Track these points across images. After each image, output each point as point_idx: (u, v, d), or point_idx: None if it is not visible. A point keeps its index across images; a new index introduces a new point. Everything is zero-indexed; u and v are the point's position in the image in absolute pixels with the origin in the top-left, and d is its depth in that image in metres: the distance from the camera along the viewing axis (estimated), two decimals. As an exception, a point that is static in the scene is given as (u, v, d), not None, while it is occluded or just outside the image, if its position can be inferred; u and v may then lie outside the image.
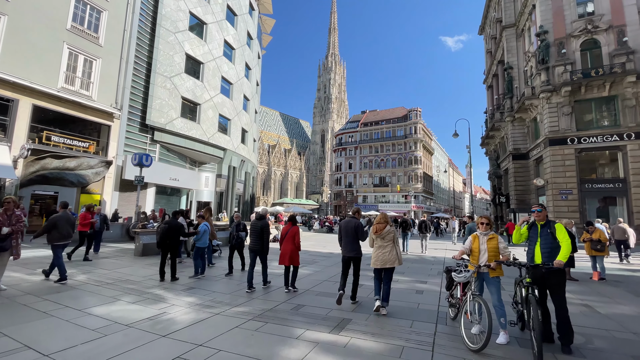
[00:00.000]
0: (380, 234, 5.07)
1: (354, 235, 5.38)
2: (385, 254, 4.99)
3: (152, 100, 18.26)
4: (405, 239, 13.41)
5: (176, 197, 21.88)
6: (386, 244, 5.04)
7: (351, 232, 5.39)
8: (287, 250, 6.05)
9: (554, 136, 19.70)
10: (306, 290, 6.33)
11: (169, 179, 19.46)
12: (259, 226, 6.33)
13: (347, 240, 5.41)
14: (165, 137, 19.14)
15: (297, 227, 6.40)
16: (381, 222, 5.17)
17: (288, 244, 6.09)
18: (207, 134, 21.61)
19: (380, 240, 5.07)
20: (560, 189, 19.19)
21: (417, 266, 9.52)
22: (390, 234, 5.09)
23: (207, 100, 21.76)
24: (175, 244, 6.80)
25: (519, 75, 25.12)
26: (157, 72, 18.54)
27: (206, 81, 21.83)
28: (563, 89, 19.30)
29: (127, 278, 6.88)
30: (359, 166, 64.99)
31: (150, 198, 18.60)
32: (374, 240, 5.15)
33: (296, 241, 6.14)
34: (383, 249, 5.03)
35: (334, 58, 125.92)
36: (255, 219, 6.58)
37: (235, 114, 25.02)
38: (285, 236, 6.16)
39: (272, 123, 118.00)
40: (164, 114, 18.78)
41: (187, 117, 20.40)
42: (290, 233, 6.15)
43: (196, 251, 7.23)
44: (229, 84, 24.54)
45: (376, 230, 5.10)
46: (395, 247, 5.06)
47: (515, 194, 24.17)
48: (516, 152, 24.46)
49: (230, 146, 24.10)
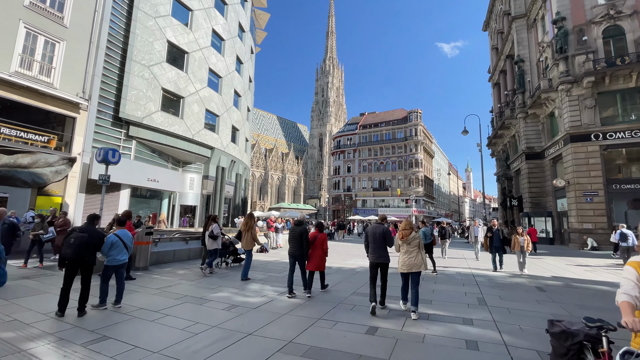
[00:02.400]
0: (406, 239, 5.20)
1: (381, 241, 5.45)
2: (412, 259, 5.12)
3: (127, 91, 16.21)
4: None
5: (156, 200, 19.71)
6: (412, 249, 5.18)
7: (379, 238, 5.45)
8: (316, 256, 6.34)
9: (576, 132, 17.79)
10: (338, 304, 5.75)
11: (146, 179, 17.32)
12: (298, 232, 6.40)
13: (375, 246, 5.48)
14: (143, 133, 17.04)
15: (324, 234, 6.68)
16: (407, 228, 5.26)
17: (317, 250, 6.37)
18: (192, 130, 19.54)
19: (407, 245, 5.21)
20: (584, 190, 17.22)
21: (447, 289, 7.21)
22: (416, 239, 5.21)
23: (192, 94, 19.73)
24: (91, 262, 4.68)
25: (531, 69, 23.32)
26: (133, 59, 16.52)
27: (191, 72, 19.82)
28: (585, 80, 17.45)
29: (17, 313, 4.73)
30: (357, 169, 63.00)
31: (124, 201, 16.43)
32: (400, 246, 5.31)
33: (324, 247, 6.45)
34: (409, 254, 5.17)
35: (331, 61, 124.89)
36: (294, 224, 6.61)
37: (224, 110, 22.99)
38: (313, 242, 6.40)
39: (270, 126, 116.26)
40: (140, 107, 16.71)
41: (168, 111, 18.34)
42: (318, 239, 6.42)
43: (104, 272, 5.07)
44: (217, 77, 22.56)
45: (402, 236, 5.23)
46: (421, 252, 5.18)
47: (529, 196, 22.18)
48: (530, 151, 22.54)
49: (218, 145, 22.02)
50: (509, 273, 9.64)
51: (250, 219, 8.10)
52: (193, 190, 20.99)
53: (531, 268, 10.42)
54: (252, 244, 7.86)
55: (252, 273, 8.41)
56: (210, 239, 8.47)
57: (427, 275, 8.69)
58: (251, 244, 7.84)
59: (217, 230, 8.53)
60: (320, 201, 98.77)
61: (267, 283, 7.57)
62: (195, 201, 21.17)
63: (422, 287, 6.51)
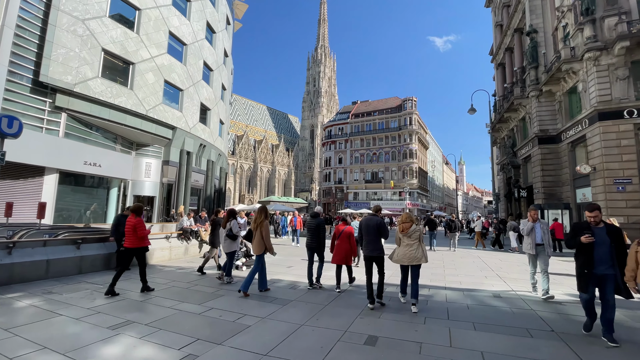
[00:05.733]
0: (406, 232, 5.18)
1: (376, 233, 5.35)
2: (412, 251, 5.10)
3: (52, 49, 12.66)
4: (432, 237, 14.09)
5: (102, 189, 16.25)
6: (412, 242, 5.16)
7: (373, 231, 5.35)
8: (342, 250, 6.18)
9: (606, 108, 14.92)
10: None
11: (82, 163, 13.88)
12: (315, 224, 6.60)
13: (369, 239, 5.36)
14: (76, 104, 13.54)
15: (351, 227, 6.47)
16: (406, 221, 5.26)
17: (344, 243, 6.20)
18: (146, 104, 16.07)
19: (407, 238, 5.18)
20: (615, 177, 14.44)
21: (505, 346, 3.91)
22: (417, 232, 5.21)
23: (145, 60, 16.21)
24: None
25: (546, 40, 20.36)
26: (61, 9, 12.94)
27: (144, 34, 16.27)
28: (617, 46, 14.54)
29: None
30: (349, 161, 59.94)
31: (50, 189, 12.98)
32: (401, 239, 5.26)
33: (352, 241, 6.28)
34: (410, 247, 5.14)
35: (323, 50, 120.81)
36: (311, 216, 6.80)
37: (190, 84, 19.48)
38: (339, 235, 6.25)
39: (259, 117, 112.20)
40: (72, 70, 13.19)
41: (112, 79, 14.83)
42: (345, 232, 6.23)
43: None
44: (181, 44, 19.00)
45: (403, 229, 5.21)
46: (421, 245, 5.19)
47: (542, 186, 19.40)
48: (543, 135, 19.68)
49: (182, 124, 18.57)
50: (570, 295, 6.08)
51: (261, 213, 6.08)
52: (150, 178, 17.56)
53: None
54: (264, 247, 5.91)
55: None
56: (229, 239, 6.82)
57: (455, 308, 5.30)
58: (262, 246, 5.90)
59: (237, 229, 6.84)
60: (311, 194, 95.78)
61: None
62: (154, 191, 17.76)
63: (459, 340, 3.86)
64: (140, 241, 5.73)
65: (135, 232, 5.66)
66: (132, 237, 5.66)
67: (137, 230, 5.68)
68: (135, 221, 5.69)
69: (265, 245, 5.85)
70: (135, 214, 5.78)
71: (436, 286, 6.68)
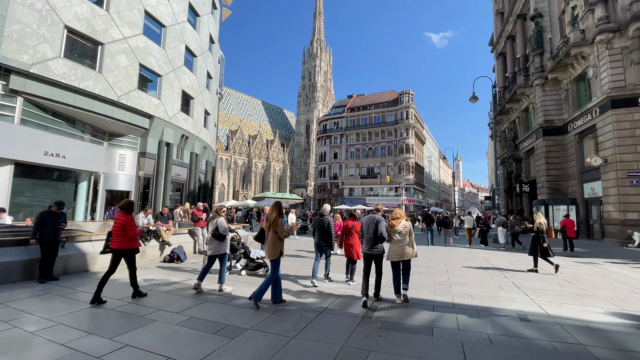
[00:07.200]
0: (396, 228, 5.21)
1: (376, 231, 5.20)
2: (402, 247, 5.17)
3: (6, 24, 11.15)
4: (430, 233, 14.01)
5: (70, 183, 14.78)
6: (402, 237, 5.20)
7: (373, 229, 5.22)
8: (355, 244, 6.28)
9: (619, 94, 13.78)
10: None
11: (43, 153, 12.43)
12: (324, 222, 6.67)
13: (369, 237, 5.24)
14: (34, 87, 12.05)
15: (359, 222, 6.22)
16: (397, 217, 5.32)
17: (354, 238, 6.32)
18: (117, 90, 14.60)
19: (397, 234, 5.21)
20: (629, 170, 13.35)
21: None
22: (407, 228, 5.24)
23: (116, 40, 14.70)
24: None
25: (552, 25, 19.14)
26: (13, -22, 11.40)
27: (115, 12, 14.74)
28: (633, 27, 13.37)
29: None
30: (345, 156, 58.64)
31: (3, 182, 11.53)
32: (392, 235, 5.27)
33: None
34: (399, 243, 5.20)
35: (319, 44, 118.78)
36: (318, 215, 6.79)
37: (170, 69, 17.99)
38: (349, 231, 6.37)
39: (254, 112, 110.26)
40: (28, 49, 11.68)
41: (78, 61, 13.32)
42: (355, 228, 6.31)
43: None
44: (159, 25, 17.47)
45: (392, 226, 5.26)
46: (411, 240, 5.23)
47: (546, 180, 18.30)
48: (548, 126, 18.55)
49: (160, 113, 17.12)
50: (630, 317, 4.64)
51: (274, 209, 5.10)
52: (125, 171, 16.12)
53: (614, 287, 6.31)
54: (279, 250, 4.97)
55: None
56: (215, 240, 5.67)
57: (473, 342, 4.18)
58: (278, 248, 4.96)
59: (224, 227, 5.71)
60: (307, 190, 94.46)
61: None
62: (129, 186, 16.33)
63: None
64: (129, 242, 5.04)
65: (124, 232, 4.96)
66: (121, 238, 4.99)
67: (127, 230, 4.97)
68: (125, 219, 4.99)
69: (280, 249, 4.94)
70: (126, 212, 5.11)
71: (442, 303, 5.20)
